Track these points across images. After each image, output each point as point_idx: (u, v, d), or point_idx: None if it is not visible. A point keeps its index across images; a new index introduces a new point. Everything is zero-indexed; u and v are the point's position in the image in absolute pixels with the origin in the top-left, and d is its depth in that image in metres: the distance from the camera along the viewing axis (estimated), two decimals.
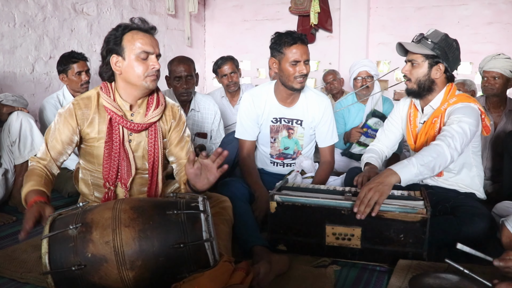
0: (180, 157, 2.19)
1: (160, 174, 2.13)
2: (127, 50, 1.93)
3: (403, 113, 2.58)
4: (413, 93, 2.38)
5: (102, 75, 2.03)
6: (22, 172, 2.98)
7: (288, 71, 2.45)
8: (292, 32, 2.45)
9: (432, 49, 2.24)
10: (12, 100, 2.96)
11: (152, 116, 2.06)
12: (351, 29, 5.66)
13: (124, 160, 2.05)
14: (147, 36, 1.96)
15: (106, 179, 2.04)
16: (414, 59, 2.30)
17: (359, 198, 1.95)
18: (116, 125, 2.01)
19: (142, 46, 1.93)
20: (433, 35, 2.27)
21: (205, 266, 1.56)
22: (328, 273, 1.91)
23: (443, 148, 2.06)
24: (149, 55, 1.95)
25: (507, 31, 5.11)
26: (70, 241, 1.51)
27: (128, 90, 2.01)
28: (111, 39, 1.95)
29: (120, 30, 1.95)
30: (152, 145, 2.08)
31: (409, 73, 2.34)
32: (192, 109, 3.36)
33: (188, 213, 1.58)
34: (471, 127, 2.16)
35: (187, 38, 6.13)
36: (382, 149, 2.66)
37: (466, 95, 2.38)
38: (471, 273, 1.53)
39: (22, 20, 3.80)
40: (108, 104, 1.99)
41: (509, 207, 2.26)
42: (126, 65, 1.94)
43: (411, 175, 1.99)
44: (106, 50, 1.96)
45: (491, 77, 3.17)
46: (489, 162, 3.25)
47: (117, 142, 2.02)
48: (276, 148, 2.74)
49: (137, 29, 1.96)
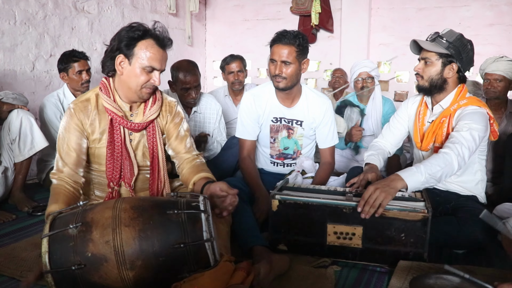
0: (179, 151, 2.19)
1: (162, 170, 2.13)
2: (136, 58, 1.90)
3: (411, 111, 2.56)
4: (423, 90, 2.36)
5: (104, 68, 2.00)
6: (22, 170, 2.98)
7: (269, 69, 2.49)
8: (282, 31, 2.44)
9: (446, 48, 2.23)
10: (12, 98, 2.96)
11: (151, 114, 2.06)
12: (352, 30, 5.65)
13: (127, 159, 2.05)
14: (160, 52, 1.93)
15: (110, 179, 2.04)
16: (428, 57, 2.29)
17: (363, 198, 1.96)
18: (117, 125, 2.01)
19: (152, 62, 1.91)
20: (448, 34, 2.26)
21: (206, 266, 1.55)
22: (329, 274, 1.91)
23: (451, 158, 2.06)
24: (154, 70, 1.94)
25: (509, 33, 5.11)
26: (70, 240, 1.50)
27: (125, 91, 2.00)
28: (125, 39, 1.90)
29: (138, 34, 1.90)
30: (151, 142, 2.09)
31: (422, 71, 2.32)
32: (195, 111, 3.36)
33: (188, 212, 1.57)
34: (480, 133, 2.17)
35: (188, 37, 6.12)
36: (386, 145, 2.63)
37: (477, 99, 2.35)
38: (472, 278, 1.52)
39: (23, 18, 3.80)
40: (108, 105, 1.99)
41: (509, 209, 2.26)
42: (130, 70, 1.93)
43: (418, 183, 2.02)
44: (116, 47, 1.92)
45: (493, 80, 3.15)
46: (489, 164, 3.24)
47: (119, 142, 2.02)
48: (276, 148, 2.73)
49: (154, 39, 1.93)
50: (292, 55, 2.41)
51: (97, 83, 4.51)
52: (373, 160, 2.48)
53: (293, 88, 2.53)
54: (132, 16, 5.15)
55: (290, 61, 2.42)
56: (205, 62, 6.69)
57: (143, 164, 2.12)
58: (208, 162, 3.25)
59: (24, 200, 2.92)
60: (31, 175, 3.58)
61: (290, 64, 2.42)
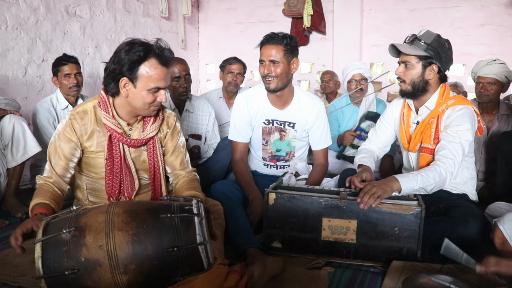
0: (175, 167, 2.19)
1: (163, 186, 2.13)
2: (140, 81, 1.86)
3: (396, 114, 2.58)
4: (407, 94, 2.38)
5: (107, 89, 1.94)
6: (14, 176, 2.97)
7: (259, 71, 2.51)
8: (270, 34, 2.46)
9: (425, 50, 2.25)
10: (4, 103, 2.95)
11: (151, 131, 2.05)
12: (344, 31, 5.67)
13: (127, 175, 2.05)
14: (164, 71, 1.89)
15: (110, 194, 2.04)
16: (408, 60, 2.30)
17: (363, 192, 2.04)
18: (116, 141, 2.00)
19: (158, 82, 1.88)
20: (425, 36, 2.27)
21: (199, 269, 1.55)
22: (322, 275, 1.92)
23: (446, 173, 2.16)
24: (160, 89, 1.92)
25: (499, 33, 5.15)
26: (63, 245, 1.50)
27: (129, 110, 1.98)
28: (126, 64, 1.83)
29: (139, 56, 1.83)
30: (152, 158, 2.08)
31: (403, 74, 2.33)
32: (187, 110, 3.36)
33: (182, 216, 1.57)
34: (469, 137, 2.24)
35: (181, 40, 6.13)
36: (373, 149, 2.66)
37: (462, 97, 2.39)
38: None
39: (14, 22, 3.78)
40: (107, 121, 1.97)
41: (502, 208, 2.28)
42: (135, 92, 1.89)
43: (410, 189, 2.12)
44: (119, 71, 1.86)
45: (486, 83, 3.14)
46: (482, 165, 3.26)
47: (118, 158, 2.01)
48: (268, 151, 2.74)
49: (156, 58, 1.87)
50: (280, 53, 2.43)
51: (89, 87, 4.55)
52: (365, 162, 2.50)
53: (284, 89, 2.53)
54: (125, 20, 5.15)
55: (278, 59, 2.43)
56: (198, 65, 6.69)
57: (144, 180, 2.12)
58: (201, 164, 3.28)
59: (17, 206, 2.91)
60: (24, 181, 3.56)
61: (278, 63, 2.43)
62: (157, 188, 2.12)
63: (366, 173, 2.32)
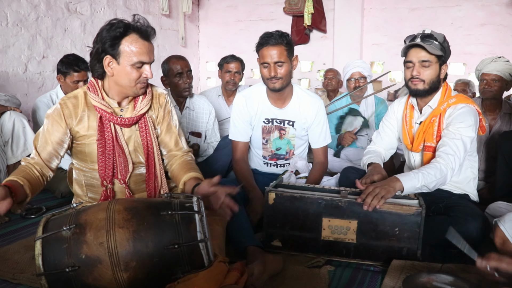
0: (169, 147, 2.19)
1: (157, 166, 2.12)
2: (123, 57, 1.90)
3: (398, 115, 2.56)
4: (421, 94, 2.33)
5: (93, 71, 1.99)
6: None
7: (262, 73, 2.49)
8: (266, 34, 2.44)
9: (440, 49, 2.25)
10: (4, 100, 2.95)
11: (141, 108, 2.06)
12: (345, 30, 5.67)
13: (120, 156, 2.05)
14: (145, 45, 1.92)
15: (103, 178, 2.04)
16: (430, 60, 2.25)
17: (365, 192, 2.02)
18: (107, 122, 2.01)
19: (140, 56, 1.91)
20: (437, 35, 2.26)
21: (200, 266, 1.55)
22: (322, 274, 1.91)
23: (447, 170, 2.14)
24: (144, 64, 1.94)
25: (500, 32, 5.15)
26: (63, 243, 1.50)
27: (117, 90, 2.01)
28: (108, 40, 1.88)
29: (119, 32, 1.88)
30: (145, 137, 2.08)
31: (422, 74, 2.27)
32: (187, 107, 3.36)
33: (182, 213, 1.57)
34: (471, 135, 2.23)
35: (181, 38, 6.12)
36: (379, 150, 2.64)
37: (464, 96, 2.38)
38: None
39: (15, 19, 3.78)
40: (96, 102, 1.99)
41: (502, 208, 2.28)
42: (119, 69, 1.92)
43: (413, 188, 2.09)
44: (101, 49, 1.91)
45: (490, 80, 3.16)
46: (483, 164, 3.26)
47: (110, 139, 2.02)
48: (268, 149, 2.74)
49: (136, 33, 1.91)
50: (284, 54, 2.43)
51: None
52: (374, 160, 2.49)
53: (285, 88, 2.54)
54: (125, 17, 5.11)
55: (283, 60, 2.43)
56: (198, 63, 6.69)
57: (137, 161, 2.11)
58: (201, 163, 3.27)
59: None
60: None
61: (284, 64, 2.44)
62: (151, 168, 2.11)
63: (378, 175, 2.27)
